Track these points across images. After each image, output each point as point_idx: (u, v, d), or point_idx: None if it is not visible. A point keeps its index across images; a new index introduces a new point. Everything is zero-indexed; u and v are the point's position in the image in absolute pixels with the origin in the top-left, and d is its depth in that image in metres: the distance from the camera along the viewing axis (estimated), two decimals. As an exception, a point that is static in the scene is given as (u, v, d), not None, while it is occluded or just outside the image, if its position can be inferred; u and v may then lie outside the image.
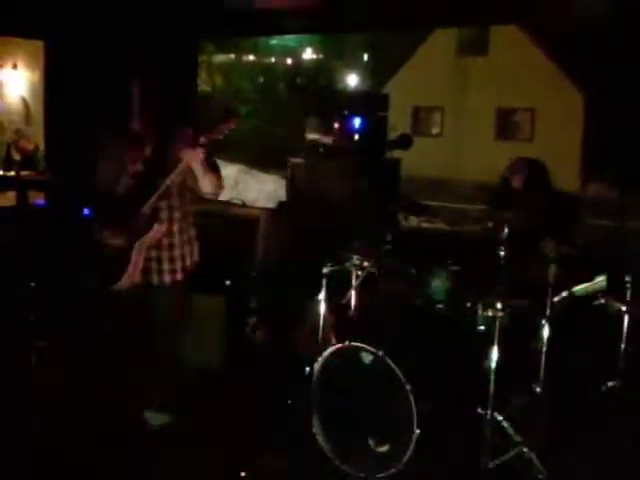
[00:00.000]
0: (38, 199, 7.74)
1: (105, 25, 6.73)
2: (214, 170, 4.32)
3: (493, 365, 4.16)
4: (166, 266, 4.45)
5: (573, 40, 19.30)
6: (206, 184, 4.32)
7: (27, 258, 6.14)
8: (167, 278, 4.46)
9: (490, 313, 4.28)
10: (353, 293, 4.67)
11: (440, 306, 4.73)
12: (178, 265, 4.49)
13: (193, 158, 4.18)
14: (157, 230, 4.31)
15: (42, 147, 8.48)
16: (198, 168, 4.23)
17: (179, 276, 4.49)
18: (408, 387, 4.04)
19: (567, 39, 19.83)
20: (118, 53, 6.65)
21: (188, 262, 4.54)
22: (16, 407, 4.75)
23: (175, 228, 4.43)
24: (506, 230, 4.25)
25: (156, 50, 6.76)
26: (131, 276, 4.34)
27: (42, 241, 6.42)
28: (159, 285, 4.46)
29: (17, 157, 8.88)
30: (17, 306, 5.49)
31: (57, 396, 4.95)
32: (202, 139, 4.16)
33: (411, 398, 4.02)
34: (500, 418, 4.24)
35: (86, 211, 7.57)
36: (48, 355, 5.30)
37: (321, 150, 6.33)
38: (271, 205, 7.13)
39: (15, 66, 10.24)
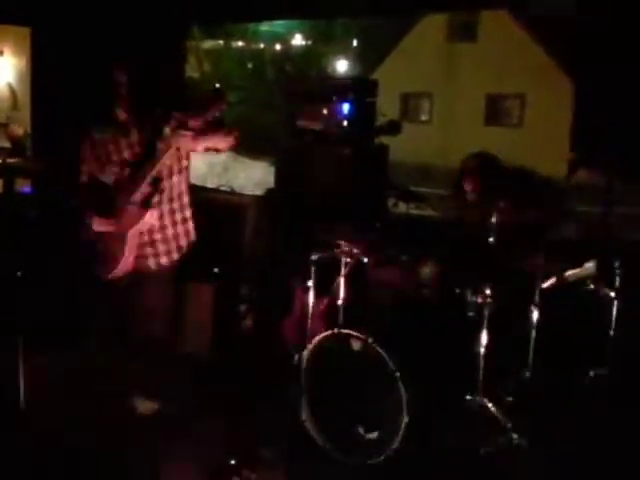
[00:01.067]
0: (25, 186, 7.68)
1: (92, 11, 6.67)
2: (219, 129, 4.27)
3: (482, 351, 4.17)
4: (161, 248, 4.42)
5: (562, 27, 19.30)
6: (217, 143, 4.26)
7: (14, 246, 6.10)
8: (164, 259, 4.44)
9: (479, 299, 4.30)
10: (342, 280, 4.66)
11: (429, 292, 4.74)
12: (172, 245, 4.46)
13: (183, 143, 4.15)
14: (149, 217, 4.27)
15: (25, 133, 8.42)
16: (197, 147, 4.21)
17: (175, 256, 4.47)
18: (397, 374, 4.05)
19: (556, 26, 19.84)
20: (105, 39, 6.60)
21: (183, 242, 4.51)
22: (8, 395, 4.73)
23: (165, 209, 4.39)
24: (494, 218, 4.26)
25: (144, 36, 6.71)
26: (125, 264, 4.31)
27: (29, 229, 6.38)
28: (157, 268, 4.44)
29: (5, 144, 8.81)
30: (4, 295, 5.45)
31: (49, 383, 4.93)
32: (191, 123, 4.12)
33: (400, 385, 4.03)
34: (489, 404, 4.25)
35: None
36: (38, 344, 5.26)
37: (309, 136, 6.29)
38: (260, 192, 7.10)
39: (1, 53, 10.18)
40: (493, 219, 4.28)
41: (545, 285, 4.35)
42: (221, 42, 28.51)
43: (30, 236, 6.24)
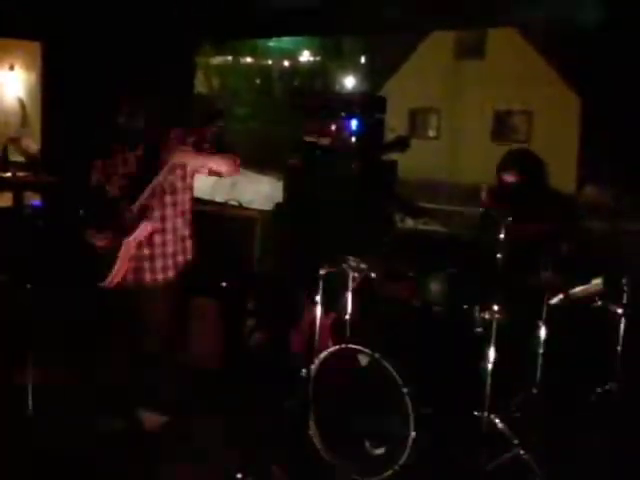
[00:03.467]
0: (34, 200, 7.72)
1: (102, 26, 6.72)
2: (223, 152, 4.33)
3: (490, 367, 4.16)
4: (159, 264, 4.43)
5: (570, 43, 19.33)
6: (219, 166, 4.31)
7: (23, 259, 6.12)
8: (160, 276, 4.45)
9: (487, 315, 4.29)
10: (350, 295, 4.66)
11: (437, 308, 4.74)
12: (170, 263, 4.46)
13: (183, 157, 4.20)
14: (144, 228, 4.29)
15: (39, 148, 8.46)
16: (197, 163, 4.25)
17: (171, 274, 4.48)
18: (405, 389, 4.04)
19: (564, 42, 19.87)
20: (115, 54, 6.65)
21: (181, 259, 4.52)
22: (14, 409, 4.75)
23: (168, 225, 4.41)
24: (503, 232, 4.25)
25: (154, 52, 6.75)
26: (118, 274, 4.33)
27: (39, 242, 6.40)
28: (151, 283, 4.44)
29: (15, 158, 8.83)
30: (14, 308, 5.46)
31: (53, 396, 4.93)
32: (189, 139, 4.18)
33: (407, 400, 4.03)
34: (497, 420, 4.24)
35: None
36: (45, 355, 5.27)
37: (318, 152, 6.31)
38: (268, 207, 7.11)
39: (12, 67, 10.21)
40: (502, 235, 4.28)
41: (553, 301, 4.34)
42: (229, 58, 28.62)
43: (39, 248, 6.26)
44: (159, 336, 4.54)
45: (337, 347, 4.38)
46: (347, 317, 4.65)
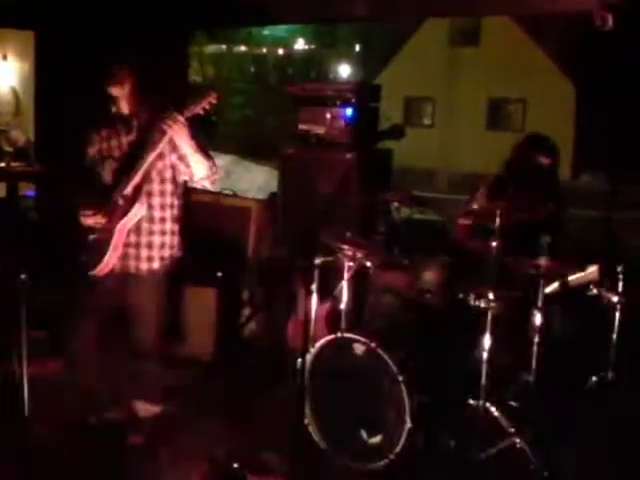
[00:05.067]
0: (28, 190, 7.70)
1: (96, 15, 6.68)
2: (205, 154, 4.28)
3: (485, 356, 4.16)
4: (144, 253, 4.37)
5: (565, 30, 19.31)
6: (198, 167, 4.26)
7: (17, 249, 6.09)
8: (144, 266, 4.38)
9: (482, 304, 4.29)
10: (345, 284, 4.66)
11: (431, 297, 4.74)
12: (156, 253, 4.39)
13: (176, 132, 4.12)
14: (137, 209, 4.23)
15: (32, 138, 8.42)
16: (185, 145, 4.18)
17: (156, 265, 4.40)
18: (400, 378, 4.04)
19: (559, 30, 19.85)
20: (109, 43, 6.60)
21: (167, 253, 4.45)
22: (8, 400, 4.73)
23: (156, 215, 4.35)
24: (498, 220, 4.25)
25: (148, 41, 6.71)
26: (109, 263, 4.29)
27: (32, 232, 6.39)
28: (136, 272, 4.39)
29: (8, 149, 8.80)
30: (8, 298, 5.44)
31: (45, 387, 4.91)
32: (184, 113, 4.12)
33: (403, 389, 4.03)
34: (492, 409, 4.25)
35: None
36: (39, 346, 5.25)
37: (313, 140, 6.29)
38: (263, 196, 7.09)
39: (5, 57, 10.16)
40: (496, 221, 4.27)
41: (548, 289, 4.34)
42: (223, 46, 28.52)
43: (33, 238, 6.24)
44: (151, 326, 4.51)
45: (333, 336, 4.38)
46: (343, 306, 4.64)
